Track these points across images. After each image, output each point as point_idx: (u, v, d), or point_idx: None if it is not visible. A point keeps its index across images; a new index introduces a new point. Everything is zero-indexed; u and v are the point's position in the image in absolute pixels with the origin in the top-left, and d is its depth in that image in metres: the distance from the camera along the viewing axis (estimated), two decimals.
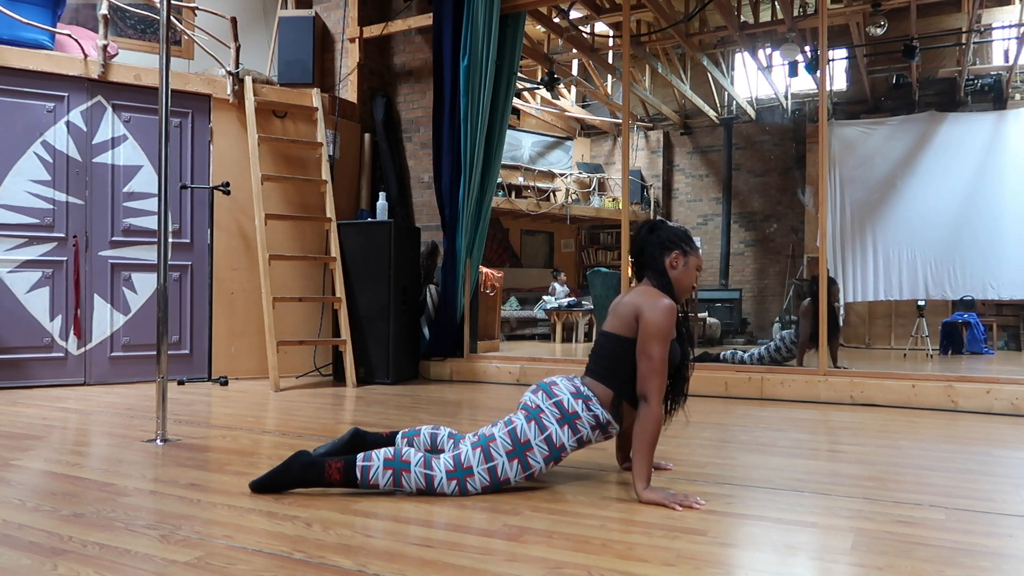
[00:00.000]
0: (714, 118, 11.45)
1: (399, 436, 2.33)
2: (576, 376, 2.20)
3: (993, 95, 9.21)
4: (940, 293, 8.26)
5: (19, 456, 2.54)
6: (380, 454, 2.04)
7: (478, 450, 2.06)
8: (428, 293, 5.64)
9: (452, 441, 2.27)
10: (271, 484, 2.05)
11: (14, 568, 1.46)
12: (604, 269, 9.14)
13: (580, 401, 2.10)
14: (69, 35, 4.77)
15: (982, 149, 8.20)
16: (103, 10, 4.70)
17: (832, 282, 5.60)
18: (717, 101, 11.51)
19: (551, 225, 12.25)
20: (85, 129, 4.76)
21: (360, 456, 2.04)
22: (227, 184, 4.43)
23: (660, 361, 2.03)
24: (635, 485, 2.01)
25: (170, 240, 3.96)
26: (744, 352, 5.81)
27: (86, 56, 4.73)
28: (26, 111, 4.58)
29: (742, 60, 11.15)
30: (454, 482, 2.03)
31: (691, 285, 2.23)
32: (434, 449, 2.29)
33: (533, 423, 2.08)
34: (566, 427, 2.09)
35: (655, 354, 2.03)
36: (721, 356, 5.82)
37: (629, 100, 6.04)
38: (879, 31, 7.91)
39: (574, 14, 7.71)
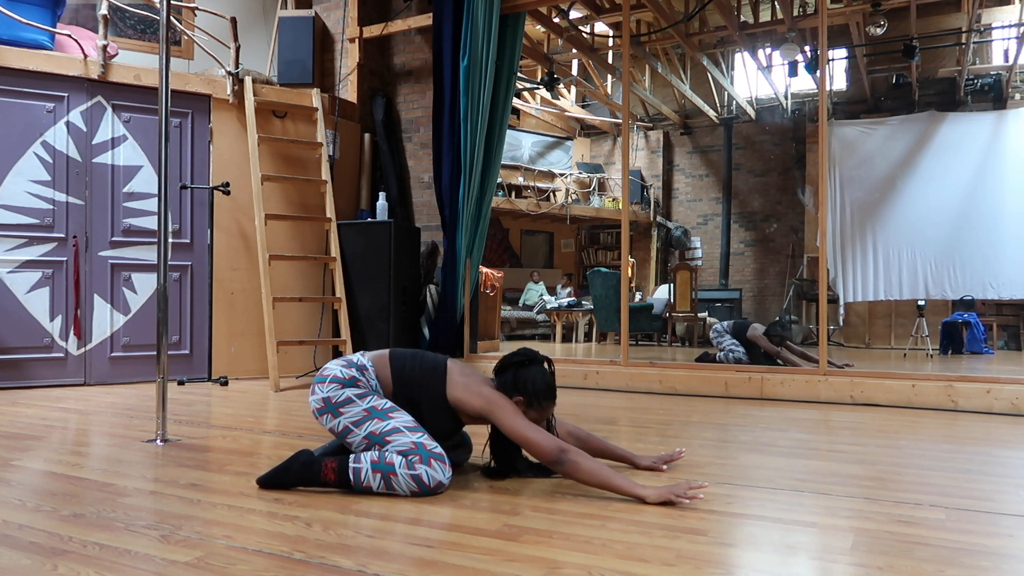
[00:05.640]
0: (714, 118, 11.45)
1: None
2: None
3: (993, 95, 9.21)
4: (940, 293, 8.26)
5: (19, 456, 2.54)
6: (367, 456, 2.04)
7: (389, 437, 2.04)
8: (428, 293, 5.64)
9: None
10: (275, 481, 2.08)
11: (14, 568, 1.46)
12: (604, 269, 9.14)
13: (354, 368, 2.13)
14: (69, 35, 4.77)
15: (982, 149, 8.20)
16: (103, 10, 4.70)
17: (779, 326, 5.68)
18: (717, 101, 11.51)
19: (551, 225, 12.25)
20: (85, 129, 4.76)
21: (352, 457, 2.05)
22: (227, 184, 4.43)
23: (525, 428, 2.04)
24: (634, 496, 1.99)
25: (170, 240, 3.97)
26: (733, 353, 5.80)
27: (86, 56, 4.73)
28: (26, 111, 4.58)
29: (742, 60, 11.15)
30: (433, 461, 2.01)
31: (540, 417, 2.16)
32: None
33: (340, 407, 2.08)
34: (352, 388, 2.10)
35: (520, 428, 2.04)
36: (717, 357, 5.82)
37: (629, 100, 6.03)
38: (879, 31, 7.91)
39: (574, 14, 7.71)
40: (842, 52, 9.52)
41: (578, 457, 2.01)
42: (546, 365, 2.18)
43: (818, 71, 6.38)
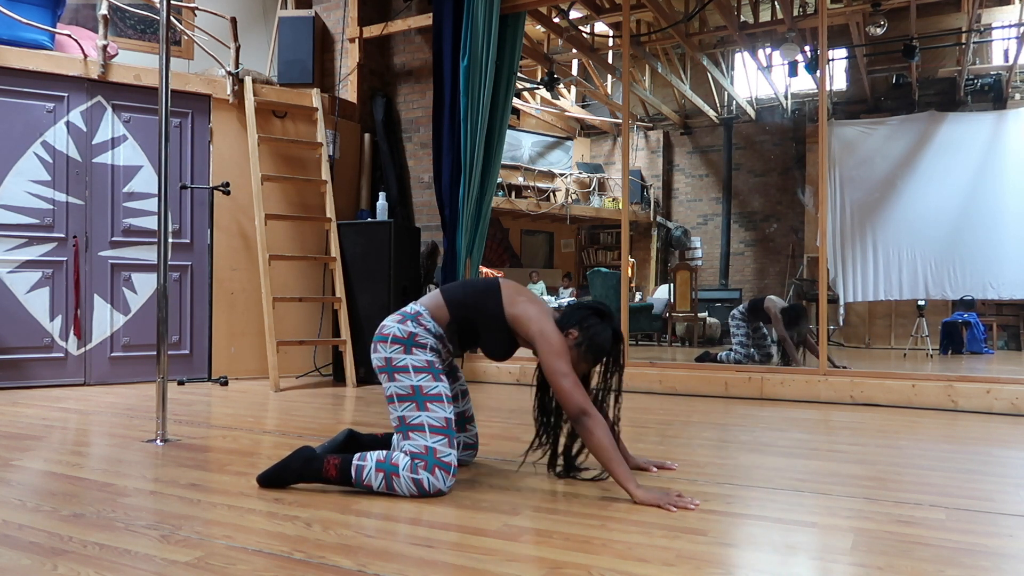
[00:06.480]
0: (714, 118, 11.45)
1: (395, 437, 2.33)
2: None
3: (993, 95, 9.21)
4: (940, 293, 8.26)
5: (19, 456, 2.54)
6: (373, 456, 2.05)
7: (412, 433, 2.03)
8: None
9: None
10: (275, 478, 2.09)
11: (14, 568, 1.46)
12: (604, 269, 9.15)
13: (409, 321, 2.13)
14: (69, 35, 4.77)
15: (982, 149, 8.20)
16: (103, 10, 4.70)
17: (795, 310, 5.66)
18: (717, 101, 11.51)
19: (551, 225, 12.25)
20: (85, 129, 4.76)
21: (357, 455, 2.06)
22: (227, 184, 4.43)
23: (563, 375, 2.03)
24: (625, 490, 2.00)
25: (170, 240, 3.96)
26: (735, 354, 5.81)
27: (86, 56, 4.73)
28: (26, 111, 4.58)
29: (742, 60, 11.15)
30: (438, 470, 2.00)
31: (577, 364, 2.13)
32: (462, 429, 2.34)
33: (397, 372, 2.08)
34: (414, 350, 2.09)
35: (562, 372, 2.04)
36: (719, 357, 5.83)
37: (629, 100, 6.03)
38: (879, 31, 7.91)
39: (574, 14, 7.71)
40: (842, 52, 9.52)
41: (595, 426, 2.00)
42: (618, 341, 2.16)
43: (818, 71, 6.37)
